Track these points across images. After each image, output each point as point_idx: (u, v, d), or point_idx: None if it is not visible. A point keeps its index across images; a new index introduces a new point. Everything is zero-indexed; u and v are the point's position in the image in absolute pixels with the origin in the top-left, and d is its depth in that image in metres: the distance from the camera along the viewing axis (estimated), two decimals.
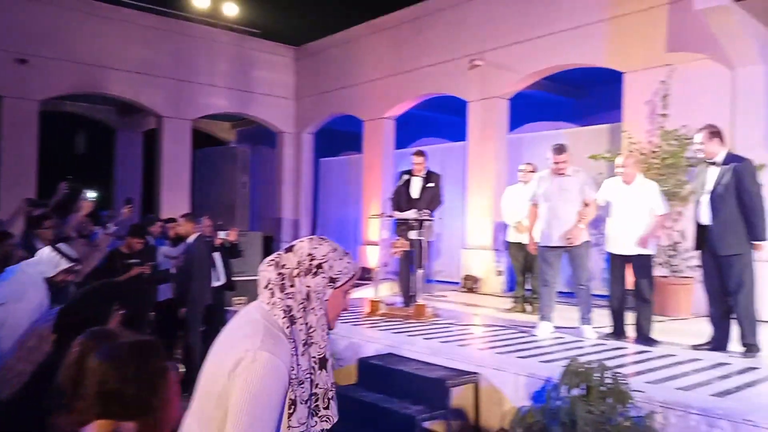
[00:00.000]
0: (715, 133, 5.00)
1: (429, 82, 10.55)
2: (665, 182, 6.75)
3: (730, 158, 4.92)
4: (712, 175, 4.94)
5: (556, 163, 5.58)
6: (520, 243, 7.15)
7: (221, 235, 7.11)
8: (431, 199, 6.89)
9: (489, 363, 4.56)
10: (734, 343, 4.89)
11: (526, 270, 7.22)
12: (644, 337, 5.29)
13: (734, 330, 4.90)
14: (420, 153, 7.04)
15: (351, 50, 12.09)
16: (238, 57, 12.89)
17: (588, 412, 3.37)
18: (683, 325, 6.33)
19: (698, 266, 5.28)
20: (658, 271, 6.51)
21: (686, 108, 7.17)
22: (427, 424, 4.26)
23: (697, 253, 5.16)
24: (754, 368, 4.36)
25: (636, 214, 5.35)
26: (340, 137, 13.72)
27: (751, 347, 4.75)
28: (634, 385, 3.59)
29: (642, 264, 5.36)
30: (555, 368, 3.98)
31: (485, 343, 5.35)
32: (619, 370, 3.61)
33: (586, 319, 5.52)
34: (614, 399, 3.39)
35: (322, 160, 13.73)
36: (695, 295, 6.97)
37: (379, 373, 4.79)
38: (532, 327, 5.77)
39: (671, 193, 6.90)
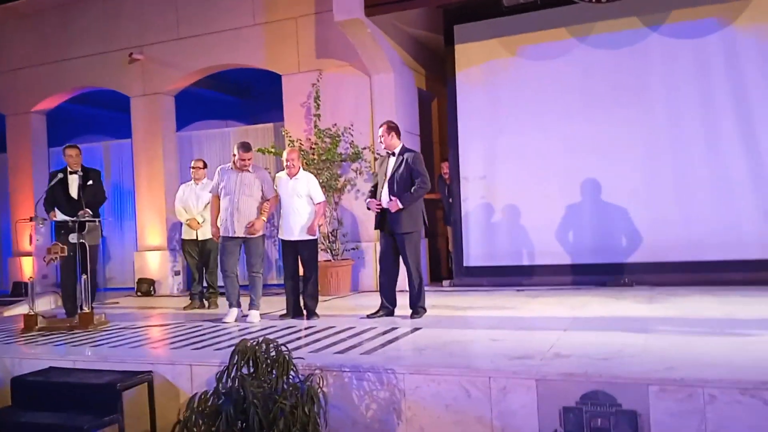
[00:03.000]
0: (393, 128, 5.76)
1: (84, 74, 9.76)
2: (322, 175, 7.48)
3: (404, 150, 5.74)
4: (390, 164, 5.68)
5: (243, 159, 5.83)
6: (194, 239, 7.19)
7: None
8: (93, 197, 6.46)
9: (162, 359, 4.53)
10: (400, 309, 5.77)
11: (202, 266, 7.28)
12: (311, 314, 5.86)
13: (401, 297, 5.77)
14: (73, 146, 6.56)
15: None
16: None
17: (257, 387, 3.63)
18: (344, 302, 7.16)
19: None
20: (321, 256, 7.21)
21: (336, 109, 8.07)
22: None
23: (376, 232, 5.89)
24: (395, 328, 5.18)
25: (302, 204, 5.88)
26: None
27: (418, 309, 5.65)
28: (298, 354, 3.99)
29: (309, 248, 5.92)
30: (228, 353, 4.17)
31: (159, 341, 5.27)
32: (285, 344, 3.96)
33: (254, 305, 5.89)
34: (278, 370, 3.71)
35: None
36: (352, 275, 7.95)
37: (38, 389, 4.35)
38: (214, 319, 5.94)
39: (328, 185, 7.70)
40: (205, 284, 7.30)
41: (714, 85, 7.08)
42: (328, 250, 7.89)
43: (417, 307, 5.69)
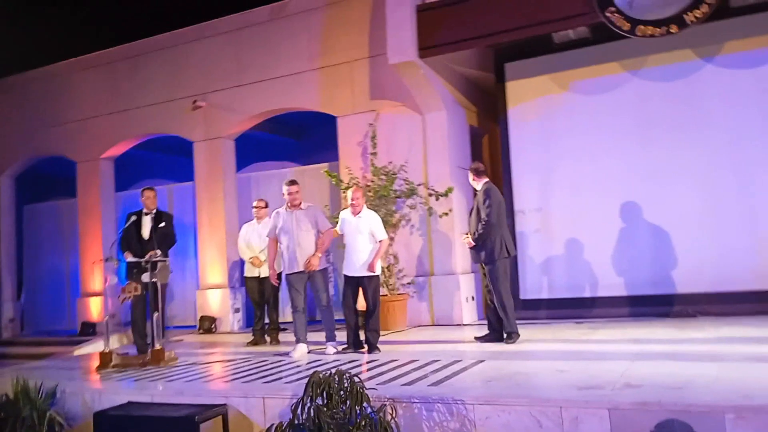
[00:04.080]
0: (480, 171, 6.32)
1: (150, 121, 10.29)
2: (379, 211, 7.66)
3: (483, 186, 6.20)
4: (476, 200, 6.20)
5: (290, 193, 6.15)
6: (257, 277, 7.44)
7: None
8: (163, 238, 6.79)
9: (235, 392, 4.70)
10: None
11: (264, 303, 7.49)
12: (372, 347, 5.98)
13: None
14: (151, 188, 7.03)
15: (60, 86, 11.16)
16: None
17: (330, 417, 3.74)
18: (402, 336, 7.24)
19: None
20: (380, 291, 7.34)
21: (390, 147, 8.29)
22: None
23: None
24: (458, 361, 5.24)
25: (364, 241, 6.08)
26: (47, 181, 12.44)
27: (510, 335, 6.00)
28: (368, 386, 4.09)
29: (371, 284, 6.09)
30: (300, 386, 4.30)
31: (230, 375, 5.45)
32: (354, 375, 4.08)
33: (330, 337, 6.07)
34: (352, 401, 3.82)
35: (26, 207, 12.27)
36: (409, 309, 8.04)
37: (120, 423, 4.55)
38: (279, 354, 6.12)
39: (384, 221, 7.85)
40: (266, 320, 7.50)
41: None
42: (384, 285, 8.01)
43: (507, 332, 6.05)
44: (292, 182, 6.29)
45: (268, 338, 7.41)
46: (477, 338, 6.32)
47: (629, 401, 3.51)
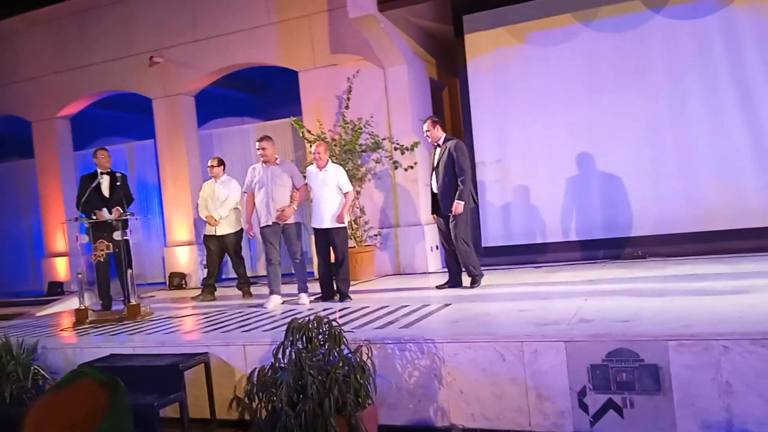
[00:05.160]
0: (436, 121, 6.41)
1: (105, 79, 10.12)
2: (346, 166, 7.83)
3: (447, 139, 6.34)
4: (436, 155, 6.31)
5: (261, 149, 6.28)
6: (213, 235, 7.53)
7: None
8: (124, 196, 6.86)
9: (216, 342, 4.92)
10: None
11: (220, 261, 7.62)
12: (344, 296, 6.26)
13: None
14: (103, 149, 7.21)
15: (8, 44, 10.79)
16: None
17: (310, 359, 4.02)
18: (371, 285, 7.54)
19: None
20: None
21: (354, 101, 8.41)
22: (163, 411, 4.45)
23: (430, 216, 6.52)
24: (426, 305, 5.56)
25: (331, 194, 6.27)
26: (2, 141, 12.14)
27: (476, 278, 6.28)
28: (344, 330, 4.36)
29: (339, 235, 6.31)
30: (277, 333, 4.56)
31: (208, 326, 5.66)
32: (332, 320, 4.34)
33: (302, 288, 6.31)
34: (330, 343, 4.10)
35: None
36: (376, 260, 8.33)
37: None
38: (253, 306, 6.36)
39: (351, 175, 8.04)
40: (223, 276, 7.60)
41: (714, 64, 7.37)
42: (352, 237, 8.25)
43: (475, 275, 6.33)
44: (263, 138, 6.42)
45: (245, 293, 7.54)
46: (438, 287, 6.53)
47: (583, 334, 3.88)
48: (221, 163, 7.78)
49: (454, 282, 6.48)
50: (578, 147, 7.96)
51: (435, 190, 6.35)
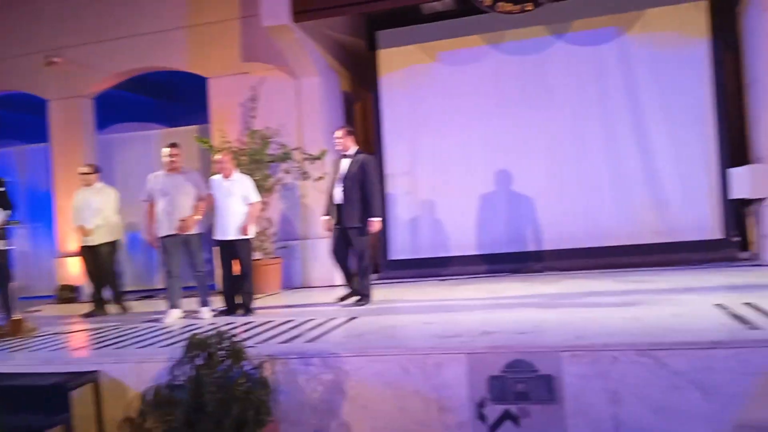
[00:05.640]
0: (350, 132, 6.30)
1: (3, 78, 9.43)
2: (253, 176, 7.67)
3: (358, 152, 6.22)
4: (345, 166, 6.12)
5: (171, 156, 6.06)
6: (87, 246, 7.07)
7: None
8: (3, 204, 6.35)
9: (107, 359, 4.64)
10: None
11: (98, 273, 7.09)
12: (247, 310, 6.10)
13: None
14: None
15: None
16: None
17: (210, 375, 3.87)
18: (275, 299, 7.41)
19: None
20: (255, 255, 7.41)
21: (265, 112, 8.28)
22: None
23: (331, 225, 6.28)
24: (333, 319, 5.50)
25: (236, 204, 6.11)
26: None
27: (365, 297, 6.13)
28: (246, 345, 4.24)
29: (244, 248, 6.15)
30: (176, 349, 4.36)
31: (100, 343, 5.34)
32: (233, 335, 4.20)
33: (204, 302, 6.08)
34: (232, 360, 3.97)
35: None
36: (283, 273, 8.20)
37: None
38: (150, 321, 6.05)
39: (259, 185, 7.89)
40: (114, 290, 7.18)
41: (611, 89, 7.85)
42: (258, 249, 8.08)
43: (365, 293, 6.17)
44: (173, 145, 6.18)
45: (119, 308, 7.15)
46: (341, 299, 6.32)
47: (484, 346, 3.97)
48: (96, 170, 7.29)
49: (351, 289, 6.32)
50: (485, 163, 8.21)
51: (338, 201, 6.19)
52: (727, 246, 7.46)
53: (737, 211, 7.63)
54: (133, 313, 7.04)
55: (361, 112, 10.14)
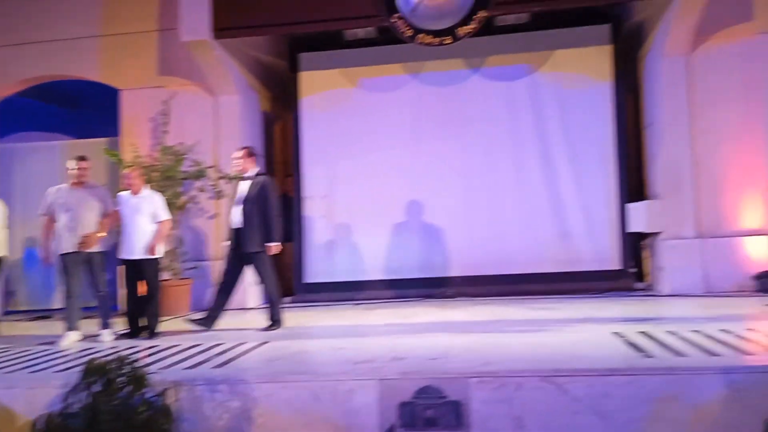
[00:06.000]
0: (251, 154, 6.11)
1: None
2: (164, 193, 7.43)
3: (258, 174, 6.06)
4: (244, 188, 5.94)
5: (80, 169, 5.77)
6: None
7: None
8: None
9: None
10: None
11: None
12: (153, 333, 5.86)
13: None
14: None
15: None
16: None
17: (108, 402, 3.67)
18: (185, 321, 7.13)
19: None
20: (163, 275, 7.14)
21: (180, 128, 8.07)
22: None
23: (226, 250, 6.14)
24: (243, 343, 5.37)
25: (144, 222, 5.90)
26: None
27: (276, 322, 5.99)
28: (149, 371, 4.07)
29: (150, 267, 5.92)
30: (72, 374, 4.11)
31: None
32: (135, 360, 4.02)
33: (105, 324, 5.79)
34: (133, 386, 3.79)
35: None
36: (193, 294, 7.94)
37: None
38: (45, 343, 5.69)
39: (170, 203, 7.64)
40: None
41: (522, 123, 8.21)
42: (167, 269, 7.81)
43: (276, 320, 6.03)
44: (82, 158, 5.88)
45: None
46: (193, 320, 6.12)
47: (395, 372, 4.00)
48: None
49: (211, 321, 6.11)
50: (402, 189, 8.35)
51: (237, 225, 6.00)
52: (625, 276, 7.92)
53: (635, 244, 8.14)
54: (25, 336, 6.59)
55: (281, 133, 10.09)
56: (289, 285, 8.75)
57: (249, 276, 8.02)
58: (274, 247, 6.01)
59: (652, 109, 7.82)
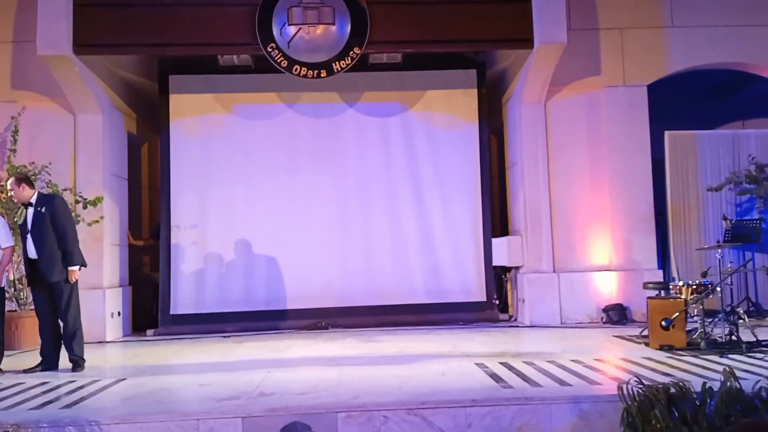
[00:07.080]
0: (21, 179, 5.55)
1: None
2: (12, 216, 6.80)
3: (42, 198, 5.57)
4: (29, 216, 5.48)
5: None
6: None
7: None
8: None
9: None
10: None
11: None
12: None
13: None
14: None
15: None
16: None
17: None
18: (31, 357, 6.50)
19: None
20: (8, 305, 6.49)
21: (33, 146, 7.48)
22: None
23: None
24: (97, 380, 5.00)
25: None
26: None
27: (78, 361, 5.49)
28: None
29: None
30: None
31: None
32: None
33: None
34: None
35: None
36: None
37: None
38: None
39: (17, 226, 7.00)
40: None
41: (394, 158, 8.45)
42: (14, 300, 7.12)
43: (77, 359, 5.53)
44: None
45: None
46: (26, 370, 5.49)
47: (261, 408, 3.89)
48: None
49: (50, 363, 5.56)
50: (275, 219, 8.25)
51: (33, 257, 5.50)
52: (490, 308, 8.31)
53: (499, 277, 8.60)
54: None
55: (149, 155, 9.65)
56: (154, 316, 8.30)
57: (112, 305, 7.61)
58: (76, 271, 5.56)
59: (514, 151, 8.36)
